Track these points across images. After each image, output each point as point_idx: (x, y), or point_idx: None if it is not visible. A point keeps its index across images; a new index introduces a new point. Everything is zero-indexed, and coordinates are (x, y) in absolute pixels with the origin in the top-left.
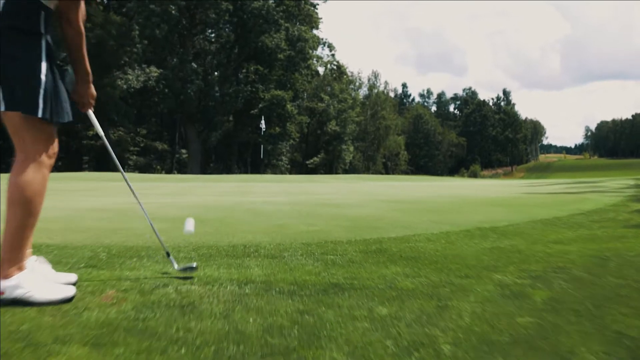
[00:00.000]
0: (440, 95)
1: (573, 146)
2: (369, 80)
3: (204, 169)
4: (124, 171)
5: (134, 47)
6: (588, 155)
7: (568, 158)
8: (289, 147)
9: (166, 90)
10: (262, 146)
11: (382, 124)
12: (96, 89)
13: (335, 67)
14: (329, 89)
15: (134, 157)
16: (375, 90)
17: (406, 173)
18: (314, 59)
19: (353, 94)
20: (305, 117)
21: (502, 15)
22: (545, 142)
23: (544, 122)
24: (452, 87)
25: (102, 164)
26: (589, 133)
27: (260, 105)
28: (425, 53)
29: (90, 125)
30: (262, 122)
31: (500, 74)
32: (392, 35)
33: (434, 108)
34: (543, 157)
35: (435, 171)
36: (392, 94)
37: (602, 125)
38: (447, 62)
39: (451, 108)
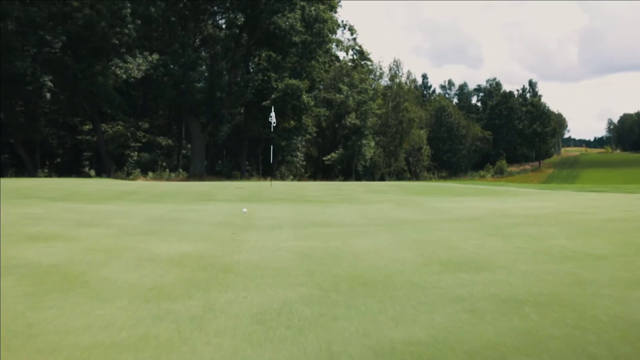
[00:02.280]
0: (463, 87)
1: (592, 139)
2: (390, 69)
3: (212, 167)
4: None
5: (125, 27)
6: (610, 149)
7: (589, 152)
8: (304, 141)
9: (165, 78)
10: (272, 147)
11: (405, 117)
12: (85, 77)
13: (357, 53)
14: (346, 79)
15: (136, 153)
16: (397, 80)
17: (429, 170)
18: (333, 44)
19: (374, 85)
20: (323, 110)
21: (518, 6)
22: (564, 135)
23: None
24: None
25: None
26: (612, 126)
27: (273, 96)
28: (440, 45)
29: None
30: (272, 115)
31: (517, 66)
32: (407, 27)
33: (455, 100)
34: (564, 151)
35: (459, 167)
36: (413, 85)
37: (625, 118)
38: (462, 54)
39: (473, 100)
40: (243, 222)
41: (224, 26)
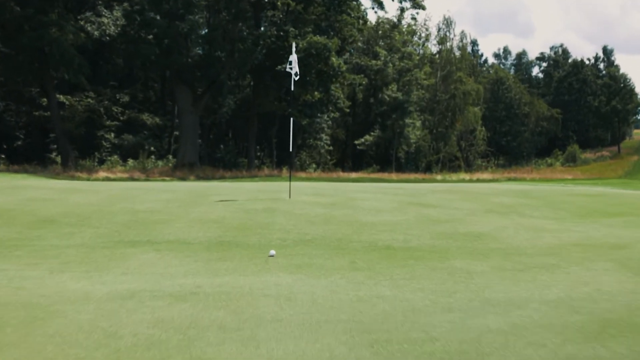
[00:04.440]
0: (521, 55)
1: None
2: (438, 30)
3: (211, 153)
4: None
5: None
6: None
7: None
8: (331, 120)
9: (142, 32)
10: (291, 121)
11: (458, 89)
12: (32, 29)
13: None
14: (383, 42)
15: (112, 135)
16: (449, 44)
17: (485, 156)
18: None
19: (420, 49)
20: (359, 76)
21: None
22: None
23: None
24: (516, 50)
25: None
26: None
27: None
28: (485, 10)
29: None
30: (293, 58)
31: (573, 35)
32: None
33: (511, 72)
34: (635, 133)
35: (520, 153)
36: (469, 49)
37: None
38: (510, 21)
39: (534, 72)
40: None
41: None
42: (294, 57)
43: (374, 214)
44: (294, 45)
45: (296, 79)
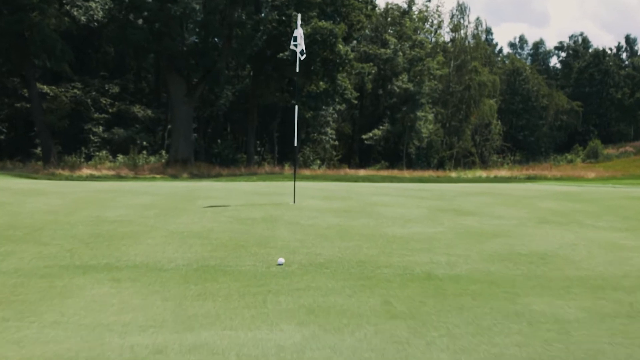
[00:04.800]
0: (538, 45)
1: None
2: (452, 17)
3: (207, 148)
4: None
5: None
6: None
7: None
8: (336, 113)
9: (130, 15)
10: (295, 122)
11: (474, 80)
12: (11, 13)
13: None
14: (393, 29)
15: (100, 128)
16: (463, 32)
17: (501, 152)
18: None
19: (432, 37)
20: (368, 65)
21: None
22: None
23: None
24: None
25: None
26: None
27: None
28: None
29: None
30: (298, 32)
31: (590, 25)
32: None
33: (528, 62)
34: None
35: (538, 148)
36: (484, 37)
37: None
38: (524, 9)
39: (552, 62)
40: None
41: None
42: (299, 32)
43: (402, 224)
44: (299, 17)
45: (302, 57)
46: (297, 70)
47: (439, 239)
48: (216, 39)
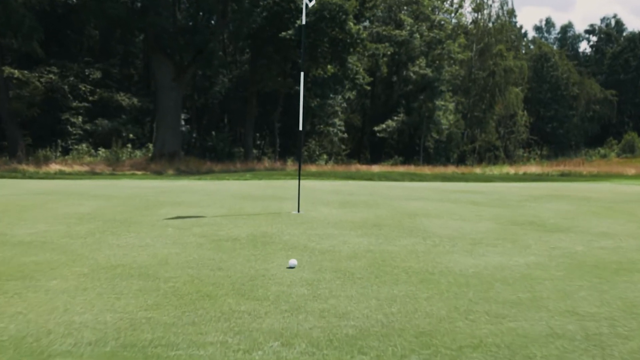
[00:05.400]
0: (567, 28)
1: None
2: None
3: (200, 141)
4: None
5: None
6: None
7: None
8: (345, 102)
9: None
10: (301, 99)
11: (499, 65)
12: None
13: None
14: (408, 8)
15: (79, 118)
16: (486, 12)
17: (528, 145)
18: None
19: (452, 17)
20: (383, 45)
21: None
22: None
23: None
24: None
25: None
26: None
27: (298, 23)
28: None
29: None
30: None
31: (619, 9)
32: None
33: (554, 47)
34: None
35: (568, 142)
36: (508, 19)
37: None
38: None
39: (581, 47)
40: None
41: None
42: None
43: (468, 249)
44: None
45: (311, 5)
46: (304, 23)
47: (542, 278)
48: (208, 14)
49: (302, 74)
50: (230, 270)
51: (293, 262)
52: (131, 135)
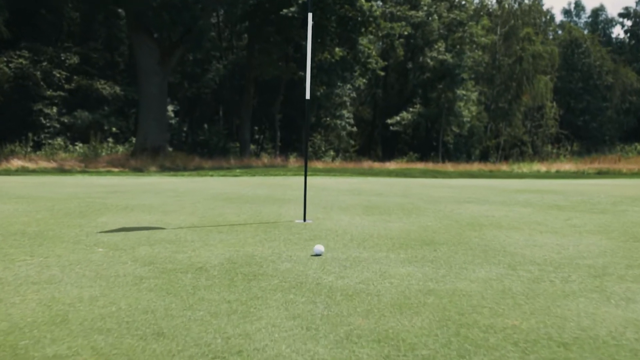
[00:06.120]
0: (598, 12)
1: None
2: None
3: (191, 135)
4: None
5: None
6: None
7: None
8: (355, 91)
9: None
10: (307, 79)
11: (527, 51)
12: None
13: None
14: None
15: (54, 109)
16: None
17: (557, 140)
18: None
19: None
20: (398, 24)
21: None
22: None
23: None
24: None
25: None
26: None
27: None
28: None
29: None
30: None
31: None
32: None
33: (585, 32)
34: None
35: (602, 137)
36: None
37: None
38: None
39: (615, 32)
40: None
41: None
42: None
43: (596, 287)
44: None
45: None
46: None
47: None
48: None
49: (308, 47)
50: (178, 339)
51: (319, 248)
52: (114, 129)
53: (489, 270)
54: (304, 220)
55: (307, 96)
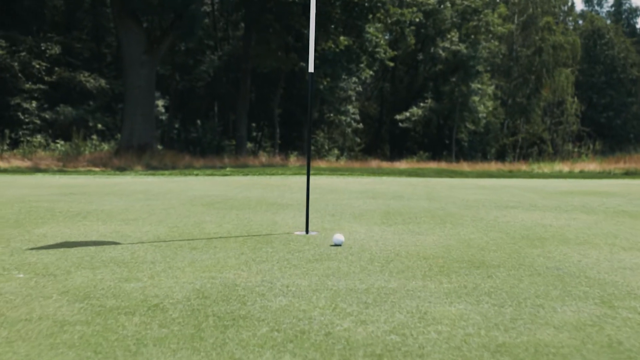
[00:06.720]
0: (621, 1)
1: None
2: None
3: (187, 134)
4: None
5: None
6: None
7: None
8: (361, 85)
9: None
10: (311, 59)
11: (547, 41)
12: None
13: None
14: None
15: (33, 104)
16: None
17: (579, 139)
18: None
19: None
20: (409, 11)
21: None
22: None
23: None
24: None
25: None
26: None
27: None
28: None
29: None
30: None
31: None
32: None
33: (607, 22)
34: None
35: (626, 135)
36: None
37: None
38: None
39: (639, 23)
40: None
41: None
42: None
43: None
44: None
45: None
46: None
47: None
48: None
49: (312, 27)
50: None
51: (339, 238)
52: (99, 126)
53: (576, 310)
54: (307, 232)
55: (311, 69)
